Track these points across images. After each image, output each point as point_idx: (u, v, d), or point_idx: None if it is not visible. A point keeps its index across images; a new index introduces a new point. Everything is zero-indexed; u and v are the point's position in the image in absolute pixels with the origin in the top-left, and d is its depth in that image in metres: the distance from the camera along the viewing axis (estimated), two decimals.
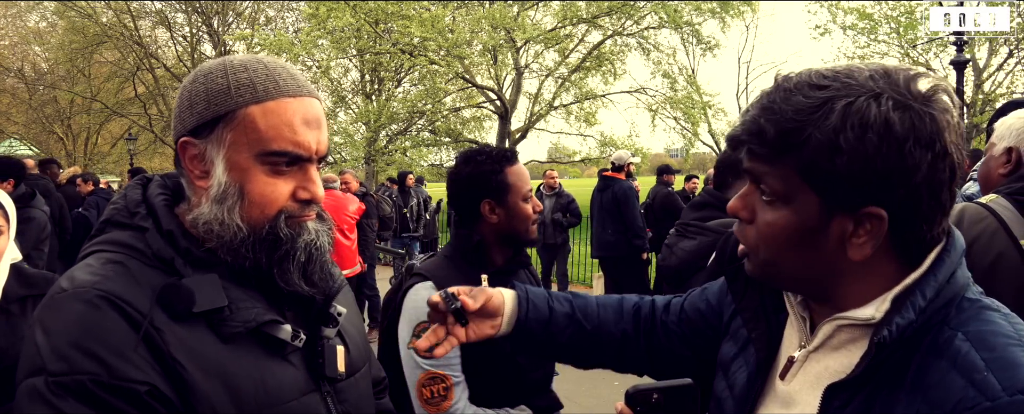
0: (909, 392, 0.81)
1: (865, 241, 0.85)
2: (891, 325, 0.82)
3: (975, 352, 0.79)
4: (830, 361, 0.91)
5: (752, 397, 1.02)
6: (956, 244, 0.88)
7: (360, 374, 1.20)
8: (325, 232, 1.11)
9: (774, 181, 0.87)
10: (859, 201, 0.83)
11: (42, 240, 5.05)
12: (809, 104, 0.82)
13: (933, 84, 0.83)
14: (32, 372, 0.91)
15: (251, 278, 1.06)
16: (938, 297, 0.84)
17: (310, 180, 1.06)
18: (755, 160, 0.88)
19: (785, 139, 0.83)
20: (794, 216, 0.86)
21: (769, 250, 0.90)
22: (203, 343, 0.97)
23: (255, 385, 1.00)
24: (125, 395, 0.89)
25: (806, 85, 0.84)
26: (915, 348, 0.83)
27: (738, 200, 0.93)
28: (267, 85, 1.03)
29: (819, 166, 0.82)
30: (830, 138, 0.80)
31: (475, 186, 1.96)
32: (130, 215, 1.06)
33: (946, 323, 0.83)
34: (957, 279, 0.86)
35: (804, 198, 0.85)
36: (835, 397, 0.87)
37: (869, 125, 0.80)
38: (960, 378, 0.77)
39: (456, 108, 23.80)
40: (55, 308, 0.94)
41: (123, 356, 0.90)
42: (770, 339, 1.02)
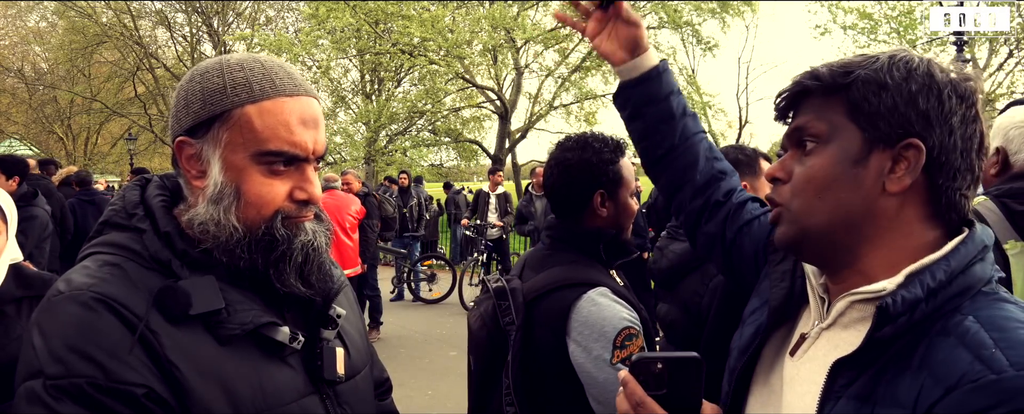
0: (915, 371, 0.81)
1: (903, 174, 0.88)
2: (897, 295, 0.84)
3: (985, 332, 0.79)
4: (839, 339, 0.92)
5: (750, 364, 1.05)
6: (977, 237, 0.89)
7: (360, 376, 1.19)
8: (322, 233, 1.10)
9: (819, 123, 0.93)
10: (900, 134, 0.88)
11: (44, 239, 5.05)
12: (857, 59, 0.92)
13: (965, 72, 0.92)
14: (30, 375, 0.90)
15: (248, 279, 1.05)
16: (951, 284, 0.85)
17: (307, 180, 1.05)
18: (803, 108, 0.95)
19: (835, 78, 0.91)
20: (837, 150, 0.91)
21: (806, 195, 0.93)
22: (200, 346, 0.97)
23: (253, 388, 0.99)
24: (122, 398, 0.89)
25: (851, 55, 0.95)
26: (924, 333, 0.83)
27: (777, 164, 0.97)
28: (263, 84, 1.02)
29: (866, 101, 0.89)
30: (878, 76, 0.89)
31: (591, 176, 1.77)
32: (128, 216, 1.05)
33: (959, 310, 0.84)
34: (975, 271, 0.87)
35: (847, 134, 0.91)
36: (841, 374, 0.87)
37: (913, 69, 0.89)
38: (967, 353, 0.78)
39: (456, 108, 23.78)
40: (52, 311, 0.94)
41: (119, 359, 0.90)
42: (788, 299, 1.04)
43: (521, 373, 1.72)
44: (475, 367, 1.90)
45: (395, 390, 1.50)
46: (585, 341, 1.61)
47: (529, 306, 1.72)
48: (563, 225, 1.84)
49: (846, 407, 0.84)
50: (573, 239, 1.81)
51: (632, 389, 0.93)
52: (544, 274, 1.76)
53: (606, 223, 1.81)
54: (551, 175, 1.83)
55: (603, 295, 1.66)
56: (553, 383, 1.69)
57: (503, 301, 1.78)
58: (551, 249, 1.84)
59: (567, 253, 1.79)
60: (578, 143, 1.82)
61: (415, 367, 6.42)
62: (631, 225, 1.87)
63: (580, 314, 1.63)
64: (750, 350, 1.05)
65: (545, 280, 1.73)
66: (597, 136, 1.83)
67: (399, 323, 8.41)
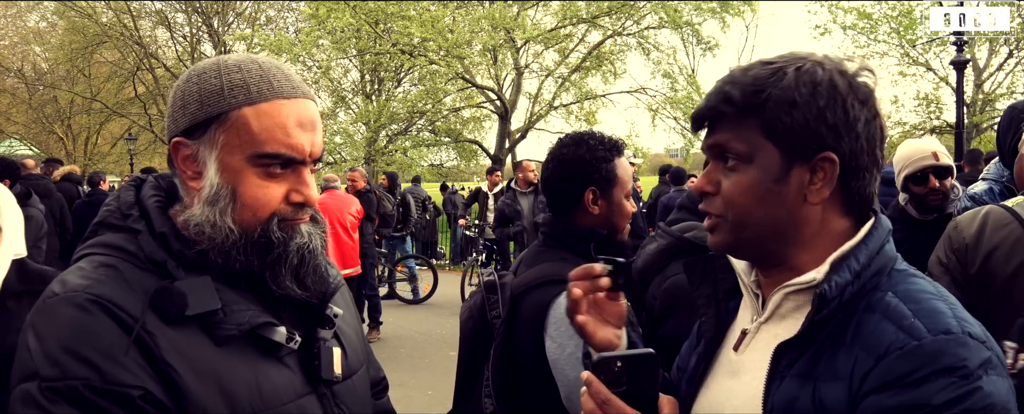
0: (849, 346, 0.91)
1: (821, 186, 0.96)
2: (830, 282, 0.93)
3: (903, 304, 0.90)
4: (779, 329, 1.00)
5: (700, 374, 1.10)
6: (882, 223, 1.00)
7: (357, 376, 1.19)
8: (318, 235, 1.09)
9: (739, 144, 0.98)
10: (814, 148, 0.95)
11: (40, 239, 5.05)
12: (765, 72, 0.96)
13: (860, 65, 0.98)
14: (25, 377, 0.90)
15: (244, 280, 1.05)
16: (871, 265, 0.95)
17: (303, 183, 1.05)
18: (719, 129, 1.00)
19: (748, 99, 0.95)
20: (758, 171, 0.97)
21: (736, 211, 0.99)
22: (196, 346, 0.96)
23: (250, 388, 0.99)
24: (118, 400, 0.89)
25: (759, 63, 0.99)
26: (853, 311, 0.93)
27: (702, 178, 1.03)
28: (261, 86, 1.02)
29: (780, 120, 0.94)
30: (787, 95, 0.94)
31: (584, 173, 1.78)
32: (123, 217, 1.05)
33: (878, 288, 0.95)
34: (886, 252, 0.98)
35: (766, 153, 0.96)
36: (783, 356, 0.95)
37: (818, 82, 0.94)
38: (891, 325, 0.88)
39: (456, 108, 23.77)
40: (47, 312, 0.94)
41: (115, 360, 0.90)
42: (719, 322, 1.12)
43: (501, 366, 1.74)
44: (460, 358, 1.94)
45: (395, 390, 1.49)
46: (560, 338, 1.62)
47: (515, 301, 1.74)
48: (556, 222, 1.85)
49: (790, 385, 0.93)
50: (565, 237, 1.82)
51: (596, 388, 0.97)
52: (533, 270, 1.78)
53: (598, 222, 1.81)
54: (547, 169, 1.86)
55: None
56: (530, 377, 1.70)
57: (492, 295, 1.82)
58: (544, 246, 1.86)
59: (558, 250, 1.81)
60: (575, 140, 1.84)
61: (415, 367, 6.42)
62: (627, 226, 1.87)
63: (558, 311, 1.63)
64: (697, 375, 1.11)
65: (531, 276, 1.75)
66: (595, 135, 1.85)
67: (399, 323, 8.40)
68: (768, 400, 0.94)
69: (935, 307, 0.89)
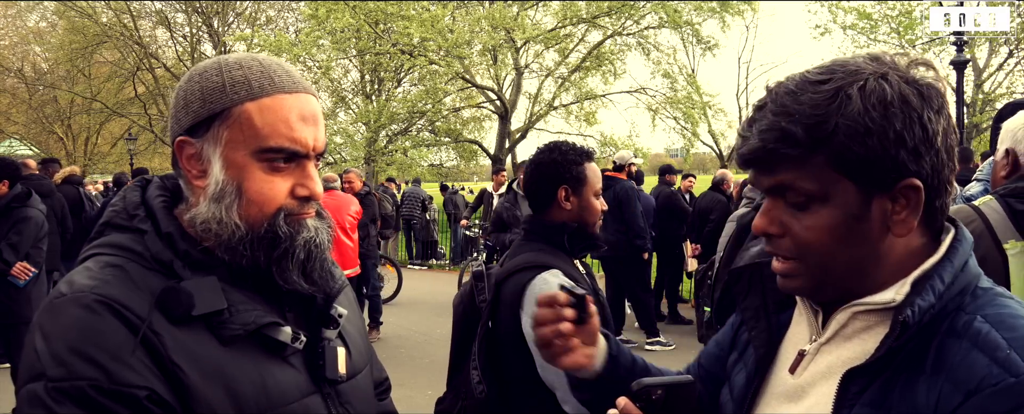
0: (930, 375, 0.81)
1: (906, 215, 0.86)
2: (913, 306, 0.83)
3: (996, 332, 0.80)
4: (843, 351, 0.90)
5: (751, 395, 1.01)
6: (965, 235, 0.91)
7: (361, 376, 1.19)
8: (324, 230, 1.10)
9: (807, 183, 0.86)
10: (895, 177, 0.84)
11: (40, 239, 5.04)
12: (823, 97, 0.84)
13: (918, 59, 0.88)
14: (32, 377, 0.90)
15: (250, 278, 1.05)
16: (954, 283, 0.86)
17: (308, 177, 1.05)
18: (779, 170, 0.88)
19: (813, 134, 0.84)
20: (836, 210, 0.86)
21: (818, 254, 0.89)
22: (203, 346, 0.97)
23: (256, 388, 0.99)
24: (124, 400, 0.89)
25: (808, 83, 0.86)
26: (933, 334, 0.84)
27: (762, 217, 0.92)
28: (262, 82, 1.02)
29: (853, 152, 0.83)
30: (858, 122, 0.82)
31: (556, 173, 2.09)
32: (129, 217, 1.05)
33: (962, 309, 0.84)
34: (970, 268, 0.88)
35: (841, 189, 0.86)
36: (853, 382, 0.86)
37: (889, 102, 0.82)
38: (983, 357, 0.78)
39: (456, 108, 23.78)
40: (54, 313, 0.94)
41: (122, 361, 0.90)
42: (770, 337, 1.03)
43: (486, 343, 2.04)
44: (453, 338, 2.27)
45: (395, 390, 1.50)
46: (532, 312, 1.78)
47: (498, 286, 2.02)
48: (534, 218, 2.15)
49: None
50: (541, 231, 2.11)
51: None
52: (513, 260, 2.05)
53: (570, 217, 2.11)
54: (528, 172, 2.17)
55: (554, 275, 1.93)
56: (510, 352, 1.98)
57: (479, 282, 2.18)
58: (524, 239, 2.15)
59: (536, 243, 2.09)
60: (550, 147, 2.17)
61: (415, 367, 6.42)
62: (596, 222, 2.17)
63: (533, 291, 1.89)
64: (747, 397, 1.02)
65: (511, 264, 2.03)
66: (569, 143, 2.18)
67: (399, 323, 8.41)
68: None
69: None
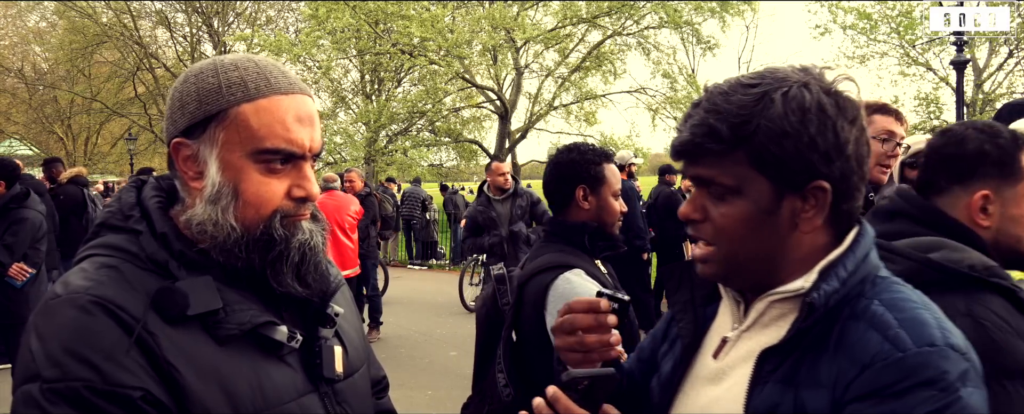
0: (833, 354, 0.91)
1: (813, 214, 0.96)
2: (819, 290, 0.93)
3: (889, 314, 0.90)
4: (762, 337, 0.99)
5: (676, 379, 1.09)
6: (867, 230, 1.01)
7: (359, 374, 1.19)
8: (319, 232, 1.10)
9: (726, 178, 0.95)
10: (807, 178, 0.93)
11: (38, 239, 5.04)
12: (749, 99, 0.92)
13: (840, 74, 0.97)
14: (27, 379, 0.90)
15: (245, 280, 1.05)
16: (857, 272, 0.95)
17: (305, 178, 1.05)
18: (704, 162, 0.97)
19: (736, 132, 0.92)
20: (750, 204, 0.95)
21: (730, 242, 0.98)
22: (198, 346, 0.97)
23: (252, 387, 0.99)
24: (119, 401, 0.89)
25: (739, 85, 0.95)
26: (837, 318, 0.93)
27: (688, 205, 1.01)
28: (258, 83, 1.02)
29: (770, 152, 0.92)
30: (777, 124, 0.91)
31: (575, 173, 2.10)
32: (124, 218, 1.05)
33: (863, 295, 0.94)
34: (871, 259, 0.98)
35: (757, 185, 0.95)
36: (767, 362, 0.95)
37: (806, 108, 0.91)
38: (877, 335, 0.88)
39: (456, 108, 23.78)
40: (49, 314, 0.94)
41: (116, 361, 0.90)
42: (696, 328, 1.11)
43: (510, 345, 2.05)
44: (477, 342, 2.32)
45: (395, 390, 1.50)
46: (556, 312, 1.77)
47: (520, 288, 2.04)
48: (554, 220, 2.16)
49: (772, 390, 0.93)
50: (562, 232, 2.11)
51: (565, 404, 0.99)
52: (535, 262, 2.06)
53: (589, 217, 2.12)
54: (546, 173, 2.16)
55: (577, 275, 1.94)
56: (534, 352, 1.99)
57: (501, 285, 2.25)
58: (545, 241, 2.16)
59: (556, 244, 2.10)
60: (569, 147, 2.19)
61: (415, 367, 6.42)
62: (616, 222, 2.16)
63: (556, 291, 1.92)
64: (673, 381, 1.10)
65: (533, 266, 2.04)
66: (587, 144, 2.21)
67: (399, 323, 8.41)
68: (750, 405, 0.95)
69: (920, 317, 0.89)
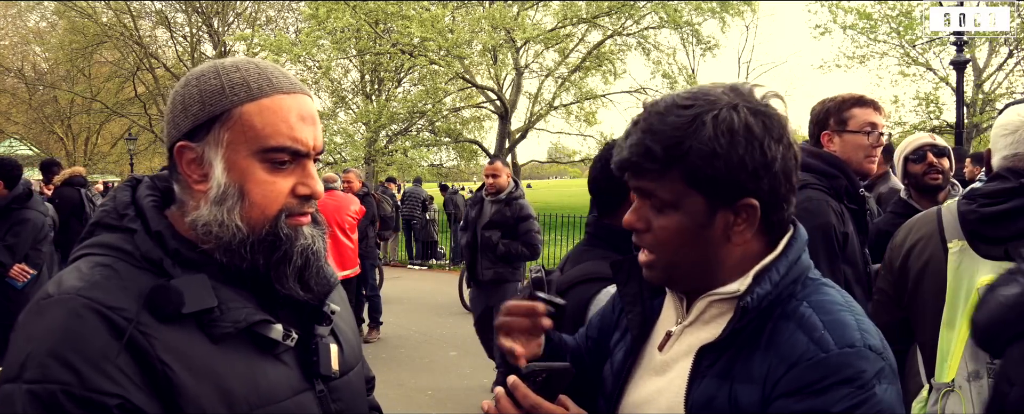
0: (764, 350, 0.99)
1: (744, 227, 1.04)
2: (752, 294, 1.01)
3: (816, 316, 0.99)
4: (702, 333, 1.07)
5: (627, 369, 1.17)
6: (800, 234, 1.09)
7: (354, 373, 1.20)
8: (320, 237, 1.11)
9: (664, 193, 1.03)
10: (737, 195, 1.01)
11: (40, 240, 5.03)
12: (683, 121, 1.00)
13: (766, 92, 1.04)
14: (11, 378, 0.91)
15: (246, 279, 1.05)
16: (788, 274, 1.03)
17: (309, 176, 1.06)
18: (644, 177, 1.04)
19: (670, 153, 1.00)
20: (685, 218, 1.03)
21: (667, 252, 1.06)
22: (192, 344, 0.97)
23: (247, 385, 0.99)
24: (92, 408, 0.89)
25: (674, 106, 1.02)
26: (769, 317, 1.01)
27: (632, 214, 1.09)
28: (260, 83, 1.03)
29: (702, 171, 0.99)
30: (707, 146, 0.98)
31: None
32: (119, 217, 1.06)
33: (793, 296, 1.03)
34: (802, 261, 1.06)
35: (691, 201, 1.02)
36: (704, 358, 1.04)
37: (735, 131, 0.98)
38: (803, 336, 0.97)
39: (456, 108, 23.80)
40: (40, 314, 0.94)
41: (99, 367, 0.90)
42: (644, 321, 1.19)
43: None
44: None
45: (395, 390, 1.51)
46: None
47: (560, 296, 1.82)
48: (600, 222, 1.97)
49: (710, 384, 1.02)
50: (608, 236, 1.92)
51: (524, 392, 1.05)
52: (576, 269, 1.88)
53: None
54: (595, 170, 1.97)
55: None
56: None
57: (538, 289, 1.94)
58: (588, 245, 1.97)
59: (601, 249, 1.90)
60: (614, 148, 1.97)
61: (415, 367, 6.42)
62: None
63: (596, 306, 1.73)
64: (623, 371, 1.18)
65: (574, 274, 1.86)
66: None
67: (399, 323, 8.41)
68: (689, 398, 1.03)
69: (842, 320, 0.98)
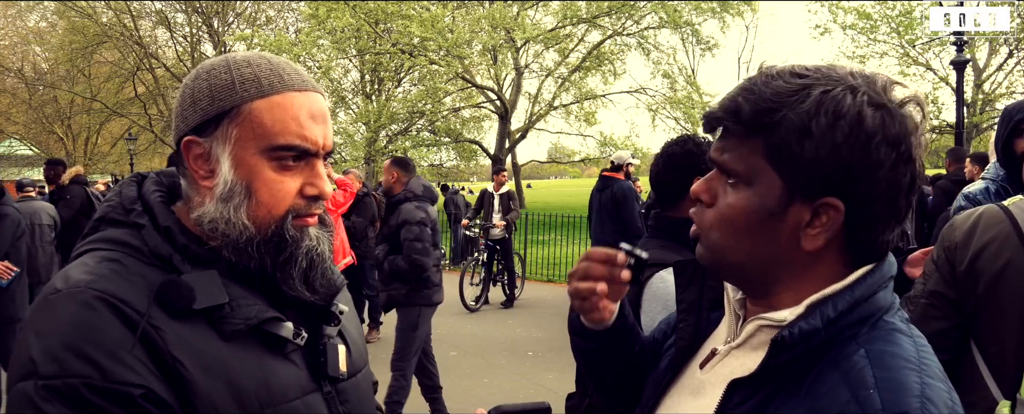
0: (801, 398, 0.82)
1: (819, 232, 0.86)
2: (794, 327, 0.84)
3: (870, 369, 0.79)
4: (746, 359, 0.91)
5: (666, 382, 1.05)
6: (885, 267, 0.89)
7: (361, 375, 1.18)
8: (326, 239, 1.08)
9: (740, 162, 0.88)
10: (819, 189, 0.84)
11: (18, 237, 5.03)
12: (788, 88, 0.84)
13: (910, 95, 0.85)
14: (23, 376, 0.88)
15: (255, 278, 1.04)
16: (852, 312, 0.85)
17: (317, 175, 1.04)
18: (725, 141, 0.90)
19: (758, 118, 0.84)
20: (755, 198, 0.87)
21: (723, 232, 0.90)
22: (203, 341, 0.95)
23: (257, 383, 0.97)
24: (118, 399, 0.87)
25: (788, 73, 0.86)
26: (820, 358, 0.84)
27: (702, 183, 0.94)
28: (272, 79, 1.01)
29: (788, 148, 0.83)
30: (802, 121, 0.82)
31: (692, 165, 2.04)
32: (125, 212, 1.03)
33: (855, 339, 0.84)
34: (878, 299, 0.87)
35: (767, 180, 0.86)
36: (735, 393, 0.88)
37: (842, 114, 0.82)
38: (847, 391, 0.78)
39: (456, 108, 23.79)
40: (49, 309, 0.92)
41: (117, 358, 0.88)
42: (696, 332, 1.05)
43: None
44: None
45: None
46: (651, 311, 1.86)
47: None
48: (660, 215, 2.11)
49: None
50: (668, 227, 2.07)
51: None
52: None
53: None
54: (657, 165, 2.10)
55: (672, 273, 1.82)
56: None
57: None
58: (650, 235, 2.12)
59: (659, 239, 2.06)
60: (681, 139, 2.12)
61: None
62: None
63: (651, 289, 1.89)
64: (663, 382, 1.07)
65: None
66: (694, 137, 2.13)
67: None
68: None
69: (903, 381, 0.78)
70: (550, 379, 6.02)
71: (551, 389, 5.73)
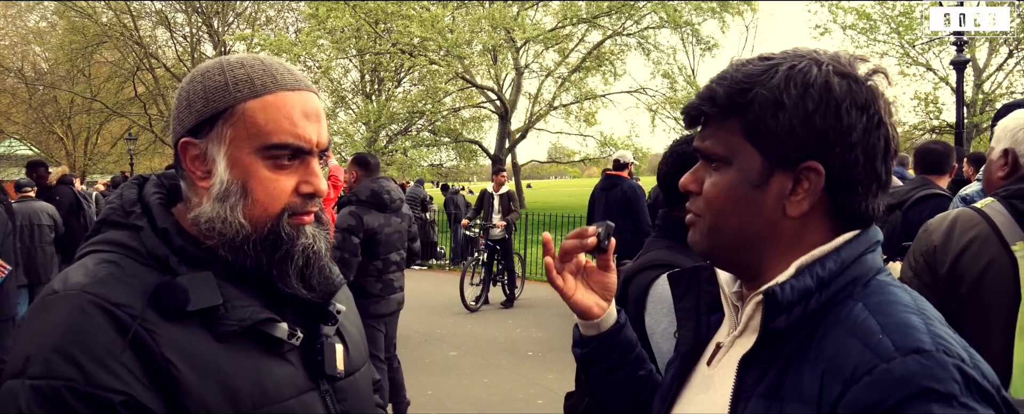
0: (813, 362, 0.83)
1: (803, 197, 0.89)
2: (785, 285, 0.86)
3: (872, 318, 0.82)
4: (750, 343, 0.91)
5: (675, 390, 1.06)
6: (870, 234, 0.92)
7: (360, 373, 1.19)
8: (322, 237, 1.10)
9: (720, 144, 0.92)
10: (798, 156, 0.88)
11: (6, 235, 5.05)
12: (758, 69, 0.89)
13: (873, 67, 0.90)
14: (14, 374, 0.90)
15: (251, 278, 1.05)
16: (842, 274, 0.87)
17: (313, 173, 1.05)
18: (705, 130, 0.94)
19: (733, 99, 0.89)
20: (738, 174, 0.91)
21: (713, 214, 0.94)
22: (197, 342, 0.96)
23: (251, 384, 0.98)
24: (98, 405, 0.88)
25: (757, 58, 0.92)
26: (820, 323, 0.86)
27: (689, 175, 0.98)
28: (264, 80, 1.03)
29: (763, 123, 0.88)
30: (774, 95, 0.87)
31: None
32: (125, 214, 1.05)
33: (851, 297, 0.86)
34: (866, 261, 0.90)
35: (747, 156, 0.90)
36: (748, 373, 0.89)
37: (810, 84, 0.86)
38: (858, 342, 0.80)
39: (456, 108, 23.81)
40: (44, 310, 0.94)
41: (104, 364, 0.89)
42: (697, 336, 1.07)
43: None
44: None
45: None
46: (657, 314, 1.83)
47: (625, 284, 1.95)
48: (667, 215, 2.08)
49: (757, 406, 0.86)
50: (673, 227, 2.02)
51: None
52: (642, 258, 1.99)
53: None
54: (666, 164, 2.04)
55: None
56: None
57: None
58: (657, 235, 2.09)
59: (666, 239, 2.03)
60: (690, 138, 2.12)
61: (415, 367, 6.41)
62: None
63: (655, 291, 1.84)
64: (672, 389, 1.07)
65: (639, 262, 1.97)
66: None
67: (399, 323, 8.40)
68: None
69: (906, 321, 0.80)
70: (550, 379, 6.03)
71: (551, 389, 5.74)
